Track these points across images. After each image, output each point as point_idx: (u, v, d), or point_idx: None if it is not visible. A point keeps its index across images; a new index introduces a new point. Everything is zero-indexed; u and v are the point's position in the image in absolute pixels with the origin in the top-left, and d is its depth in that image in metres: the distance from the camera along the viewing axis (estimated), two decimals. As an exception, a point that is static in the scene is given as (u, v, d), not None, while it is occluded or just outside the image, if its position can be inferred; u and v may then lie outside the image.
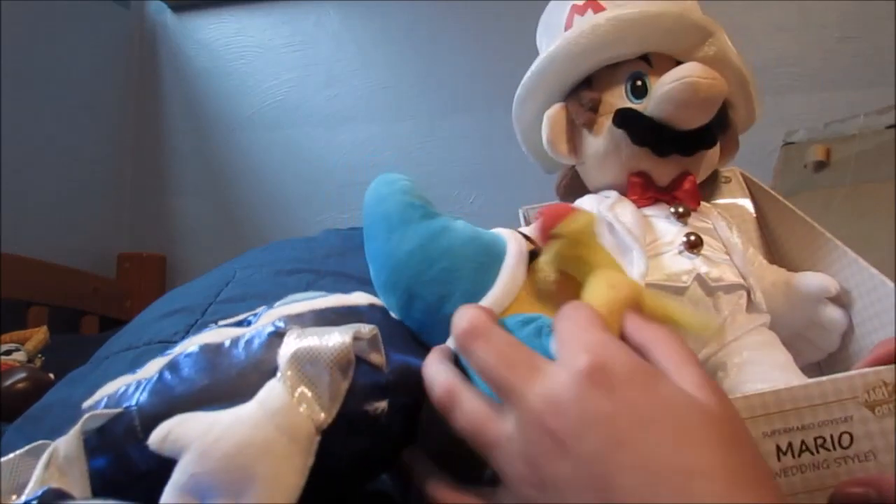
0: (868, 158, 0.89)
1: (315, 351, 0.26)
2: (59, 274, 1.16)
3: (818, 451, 0.31)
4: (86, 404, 0.31)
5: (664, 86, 0.45)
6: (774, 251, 0.56)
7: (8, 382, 0.64)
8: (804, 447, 0.31)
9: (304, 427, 0.24)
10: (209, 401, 0.26)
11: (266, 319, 0.30)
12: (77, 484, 0.26)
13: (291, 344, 0.26)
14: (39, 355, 0.81)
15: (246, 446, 0.23)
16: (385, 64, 1.36)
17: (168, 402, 0.27)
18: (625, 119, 0.47)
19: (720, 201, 0.58)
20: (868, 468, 0.31)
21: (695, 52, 0.49)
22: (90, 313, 1.22)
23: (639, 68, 0.49)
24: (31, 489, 0.25)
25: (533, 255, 0.35)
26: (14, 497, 0.26)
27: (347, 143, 1.37)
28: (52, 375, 0.68)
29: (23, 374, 0.65)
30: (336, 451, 0.26)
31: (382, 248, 0.36)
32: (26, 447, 0.28)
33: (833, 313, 0.47)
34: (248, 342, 0.28)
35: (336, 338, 0.26)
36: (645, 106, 0.48)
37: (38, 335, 0.85)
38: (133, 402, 0.28)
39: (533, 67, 0.52)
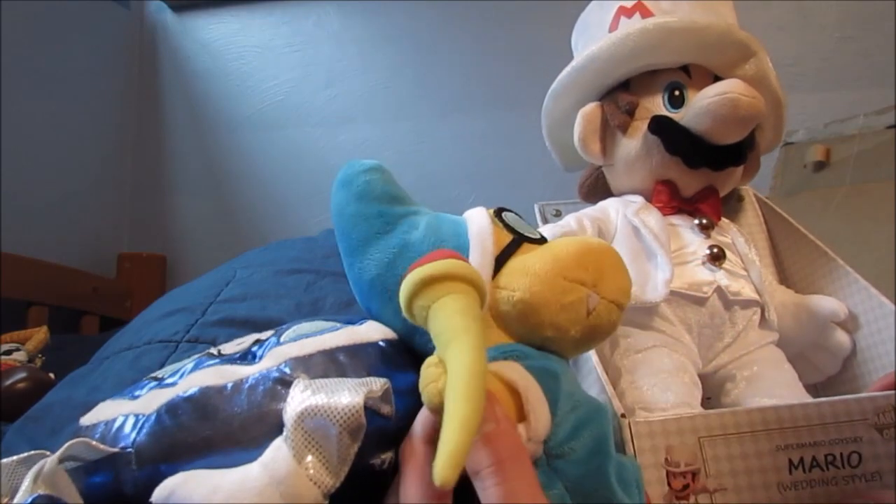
0: (868, 158, 0.89)
1: (324, 411, 0.24)
2: (59, 274, 1.16)
3: (828, 468, 0.33)
4: (84, 421, 0.31)
5: (705, 99, 0.44)
6: (782, 272, 0.56)
7: (8, 382, 0.64)
8: (815, 463, 0.33)
9: (311, 495, 0.23)
10: (209, 449, 0.26)
11: (271, 360, 0.29)
12: (66, 493, 0.26)
13: (298, 399, 0.25)
14: (40, 355, 0.81)
15: None
16: (385, 64, 1.36)
17: (166, 449, 0.26)
18: (661, 126, 0.47)
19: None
20: (874, 488, 0.32)
21: (735, 69, 0.49)
22: (90, 313, 1.22)
23: (678, 78, 0.49)
24: (22, 497, 0.25)
25: (500, 261, 0.32)
26: (7, 500, 0.26)
27: (347, 143, 1.37)
28: (52, 375, 0.68)
29: (23, 374, 0.65)
30: (335, 502, 0.25)
31: (350, 274, 0.35)
32: (23, 455, 0.28)
33: (840, 337, 0.48)
34: (252, 388, 0.27)
35: (346, 398, 0.24)
36: (681, 116, 0.48)
37: (39, 335, 0.85)
38: (130, 442, 0.27)
39: (574, 63, 0.52)
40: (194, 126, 1.46)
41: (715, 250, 0.46)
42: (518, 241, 0.33)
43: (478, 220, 0.34)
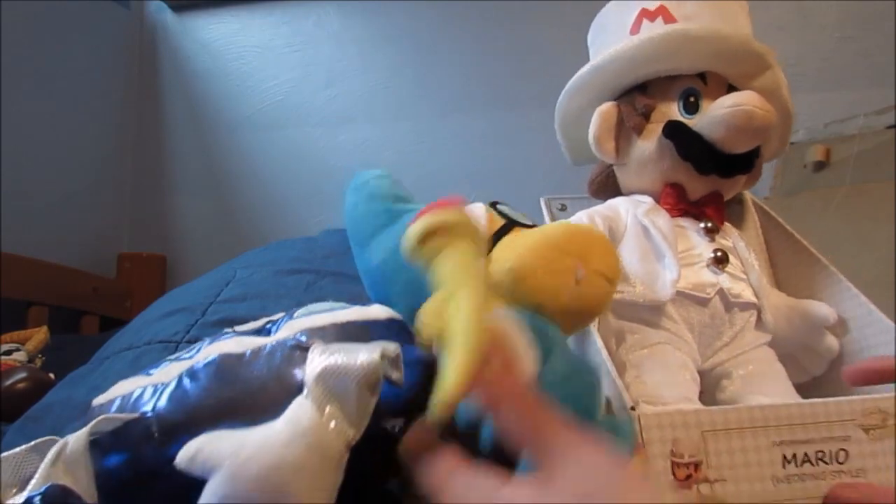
0: (868, 158, 0.89)
1: (343, 368, 0.25)
2: (59, 274, 1.16)
3: (818, 464, 0.35)
4: (97, 402, 0.31)
5: (721, 109, 0.46)
6: (775, 275, 0.58)
7: (8, 382, 0.64)
8: (806, 458, 0.35)
9: (335, 445, 0.24)
10: (230, 412, 0.26)
11: (287, 331, 0.29)
12: (82, 483, 0.26)
13: (318, 361, 0.26)
14: (39, 355, 0.81)
15: (278, 466, 0.23)
16: (385, 64, 1.36)
17: (188, 411, 0.27)
18: (675, 131, 0.48)
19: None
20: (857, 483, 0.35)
21: (750, 79, 0.51)
22: (90, 313, 1.22)
23: (694, 85, 0.51)
24: (36, 484, 0.25)
25: (495, 239, 0.35)
26: (15, 490, 0.26)
27: (347, 143, 1.37)
28: (52, 375, 0.68)
29: (23, 374, 0.65)
30: (351, 465, 0.26)
31: (360, 265, 0.38)
32: (33, 442, 0.28)
33: (829, 341, 0.50)
34: (270, 354, 0.28)
35: (364, 355, 0.26)
36: (694, 122, 0.49)
37: (39, 335, 0.85)
38: (150, 407, 0.28)
39: (594, 62, 0.53)
40: (194, 126, 1.46)
41: (719, 254, 0.48)
42: (509, 225, 0.36)
43: (473, 210, 0.37)
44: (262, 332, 0.32)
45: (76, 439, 0.26)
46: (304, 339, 0.28)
